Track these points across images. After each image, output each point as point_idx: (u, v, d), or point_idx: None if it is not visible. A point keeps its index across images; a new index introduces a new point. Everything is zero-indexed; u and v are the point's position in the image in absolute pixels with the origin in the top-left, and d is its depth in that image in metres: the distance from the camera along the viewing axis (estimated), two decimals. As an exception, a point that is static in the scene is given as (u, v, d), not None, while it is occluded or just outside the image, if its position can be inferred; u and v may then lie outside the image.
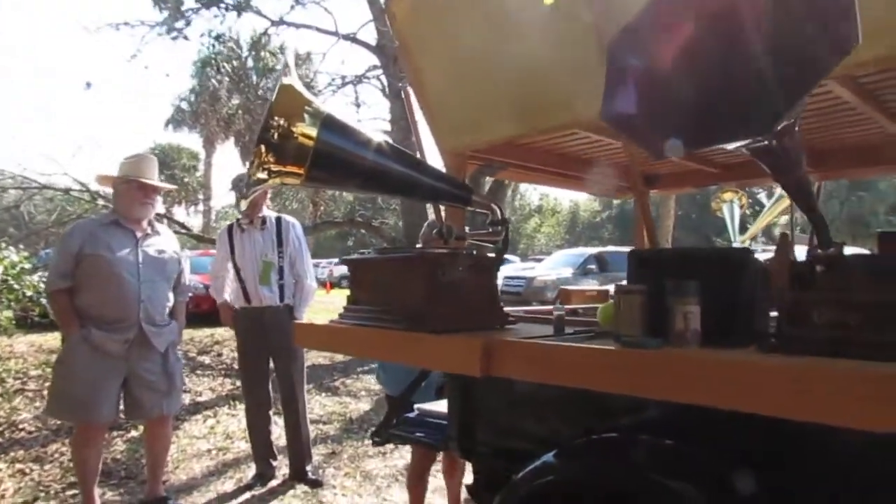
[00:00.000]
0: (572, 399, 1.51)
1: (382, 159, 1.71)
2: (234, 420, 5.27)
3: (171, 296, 3.30)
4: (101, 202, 8.04)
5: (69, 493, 3.50)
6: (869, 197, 26.05)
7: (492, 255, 1.69)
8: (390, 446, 4.59)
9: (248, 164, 1.60)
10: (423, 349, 1.36)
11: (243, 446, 4.58)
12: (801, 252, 2.08)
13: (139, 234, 3.19)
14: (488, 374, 1.21)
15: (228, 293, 3.82)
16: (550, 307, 2.36)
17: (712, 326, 1.21)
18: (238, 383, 6.67)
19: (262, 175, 1.53)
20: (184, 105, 26.23)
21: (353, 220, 9.67)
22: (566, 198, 44.52)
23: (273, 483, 3.73)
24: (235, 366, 7.59)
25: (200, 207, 28.39)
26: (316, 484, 3.68)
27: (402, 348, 1.42)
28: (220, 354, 8.09)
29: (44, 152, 19.81)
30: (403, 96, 2.40)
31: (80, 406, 3.01)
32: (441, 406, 2.34)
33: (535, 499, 1.45)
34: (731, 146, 1.02)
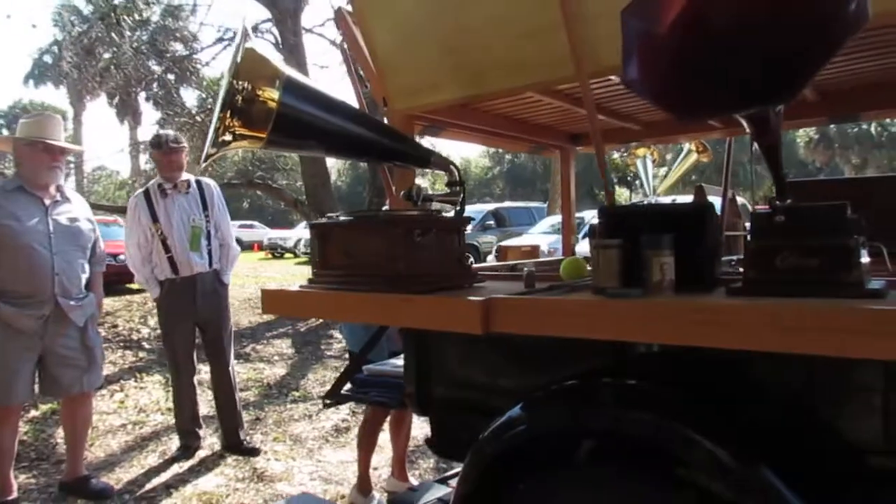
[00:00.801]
0: (532, 351, 1.60)
1: (344, 121, 1.69)
2: (143, 393, 5.04)
3: (86, 266, 3.08)
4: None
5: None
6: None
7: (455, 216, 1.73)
8: (314, 409, 4.60)
9: (213, 125, 1.52)
10: (419, 310, 1.38)
11: (159, 419, 4.42)
12: (715, 201, 2.29)
13: (48, 202, 2.93)
14: (489, 332, 1.26)
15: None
16: (500, 264, 2.45)
17: (681, 275, 1.33)
18: (141, 355, 6.38)
19: (226, 138, 1.47)
20: (47, 58, 23.73)
21: (252, 182, 9.26)
22: (458, 154, 44.92)
23: (201, 454, 3.62)
24: (133, 337, 7.23)
25: (72, 169, 26.09)
26: (253, 452, 3.63)
27: (393, 310, 1.43)
28: (115, 325, 7.62)
29: None
30: (343, 56, 2.34)
31: None
32: (390, 366, 2.39)
33: (506, 453, 1.52)
34: (742, 112, 1.10)
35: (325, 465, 3.51)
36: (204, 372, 3.99)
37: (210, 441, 3.80)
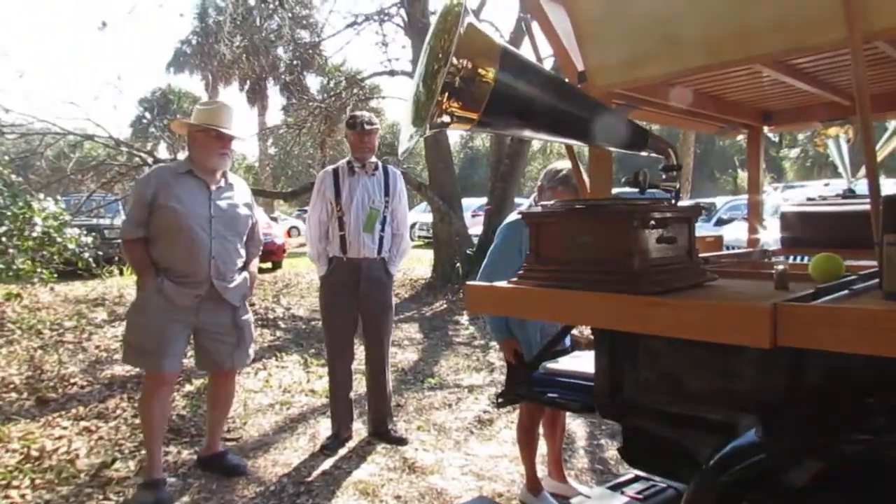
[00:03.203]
0: (764, 362, 1.38)
1: (557, 99, 1.53)
2: (285, 373, 5.20)
3: (242, 251, 3.14)
4: (123, 148, 7.77)
5: (143, 452, 3.41)
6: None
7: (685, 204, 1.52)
8: (453, 397, 4.54)
9: (417, 106, 1.41)
10: (680, 315, 1.20)
11: (304, 400, 4.52)
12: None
13: (213, 187, 3.01)
14: (777, 345, 1.06)
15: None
16: (727, 257, 2.22)
17: None
18: (278, 335, 6.63)
19: (444, 119, 1.34)
20: (186, 48, 25.42)
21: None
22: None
23: (351, 444, 3.64)
24: (270, 316, 7.53)
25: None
26: (402, 441, 3.59)
27: (636, 315, 1.26)
28: (252, 304, 8.00)
29: (63, 97, 19.23)
30: (525, 29, 2.18)
31: (148, 355, 2.92)
32: (569, 365, 2.23)
33: (750, 479, 1.33)
34: None
35: (475, 460, 3.42)
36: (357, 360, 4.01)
37: (356, 427, 3.81)
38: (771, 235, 2.76)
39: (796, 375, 1.31)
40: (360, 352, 3.82)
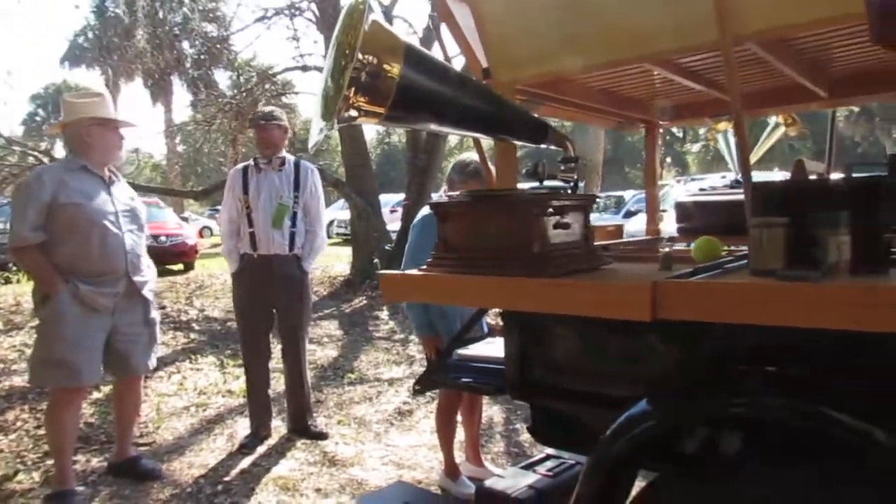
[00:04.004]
0: (662, 337, 1.50)
1: (461, 93, 1.60)
2: (200, 375, 5.06)
3: (145, 243, 3.08)
4: (16, 147, 7.27)
5: (49, 462, 3.25)
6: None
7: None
8: (373, 391, 4.57)
9: (324, 101, 1.44)
10: (572, 294, 1.29)
11: (221, 401, 4.42)
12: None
13: (108, 181, 2.92)
14: (657, 318, 1.17)
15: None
16: (626, 244, 2.35)
17: (855, 255, 1.22)
18: (192, 337, 6.42)
19: (352, 113, 1.38)
20: (82, 41, 23.89)
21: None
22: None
23: (270, 441, 3.60)
24: (182, 318, 7.28)
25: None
26: (322, 436, 3.59)
27: (537, 295, 1.34)
28: (163, 307, 7.69)
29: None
30: (433, 27, 2.24)
31: (68, 368, 2.76)
32: (482, 350, 2.32)
33: (639, 449, 1.41)
34: None
35: (395, 450, 3.47)
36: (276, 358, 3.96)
37: (275, 424, 3.78)
38: (670, 225, 2.95)
39: (679, 348, 1.44)
40: (278, 350, 3.79)
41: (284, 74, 11.65)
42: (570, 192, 1.70)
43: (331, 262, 10.88)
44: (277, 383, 3.96)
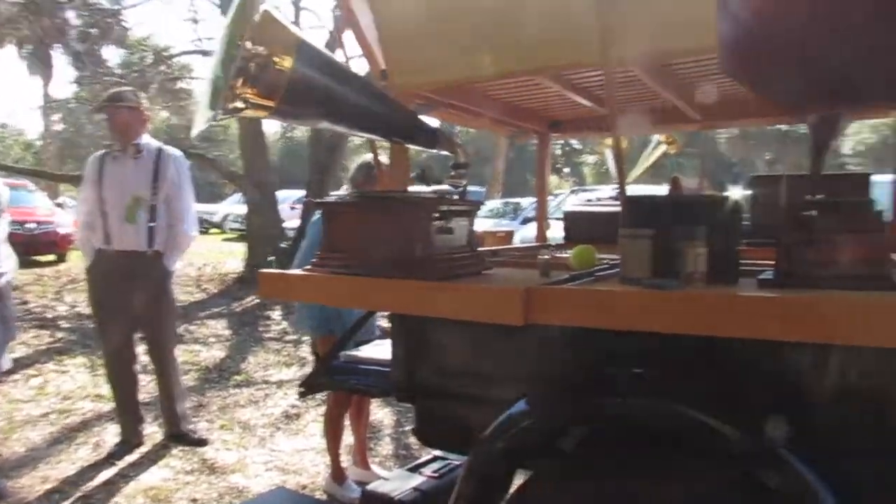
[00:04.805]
0: (541, 340, 1.56)
1: (355, 93, 1.58)
2: (66, 378, 4.69)
3: (2, 230, 2.82)
4: None
5: None
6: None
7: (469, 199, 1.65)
8: (260, 394, 4.43)
9: (211, 89, 1.38)
10: (450, 298, 1.30)
11: (88, 406, 4.11)
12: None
13: None
14: (529, 322, 1.20)
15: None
16: (513, 250, 2.40)
17: (710, 266, 1.32)
18: (59, 336, 5.95)
19: (238, 105, 1.33)
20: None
21: (185, 151, 8.77)
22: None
23: (143, 449, 3.38)
24: (48, 315, 6.73)
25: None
26: (200, 442, 3.40)
27: (418, 298, 1.34)
28: (25, 302, 7.08)
29: None
30: (335, 25, 2.20)
31: None
32: (370, 352, 2.30)
33: (517, 449, 1.46)
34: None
35: (280, 455, 3.37)
36: (144, 357, 3.74)
37: (150, 431, 3.56)
38: (559, 232, 3.07)
39: (555, 351, 1.50)
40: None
41: (182, 58, 11.09)
42: (457, 197, 1.73)
43: (223, 259, 10.45)
44: (154, 386, 3.74)
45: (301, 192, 12.72)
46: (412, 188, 1.88)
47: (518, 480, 1.55)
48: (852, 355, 1.19)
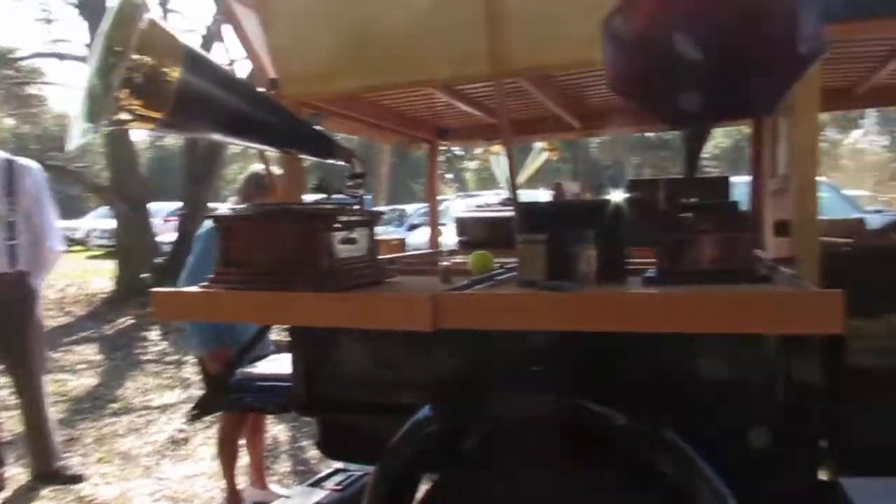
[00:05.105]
0: (440, 346, 1.60)
1: (247, 104, 1.54)
2: None
3: None
4: None
5: None
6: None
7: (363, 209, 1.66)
8: (141, 421, 4.16)
9: (89, 99, 1.30)
10: (359, 308, 1.30)
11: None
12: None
13: None
14: (438, 328, 1.23)
15: None
16: (409, 258, 2.41)
17: (601, 267, 1.42)
18: None
19: (123, 117, 1.26)
20: None
21: (43, 164, 8.02)
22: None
23: (5, 493, 3.05)
24: None
25: None
26: (75, 479, 3.11)
27: (326, 310, 1.33)
28: None
29: None
30: (218, 31, 2.12)
31: None
32: (266, 368, 2.25)
33: (423, 454, 1.49)
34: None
35: (168, 483, 3.17)
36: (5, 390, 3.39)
37: (14, 472, 3.22)
38: (450, 238, 3.13)
39: (458, 355, 1.54)
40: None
41: (33, 60, 10.15)
42: (356, 206, 1.73)
43: (89, 278, 9.65)
44: (14, 422, 3.40)
45: (175, 205, 12.05)
46: (309, 198, 1.85)
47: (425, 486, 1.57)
48: (727, 343, 1.33)
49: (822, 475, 1.46)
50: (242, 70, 2.04)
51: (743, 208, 1.41)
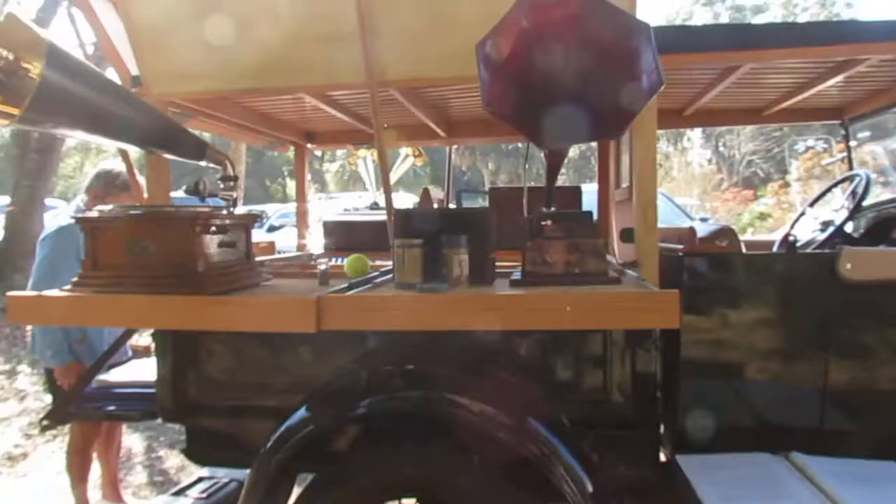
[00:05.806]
0: (307, 349, 1.64)
1: (114, 102, 1.50)
2: None
3: None
4: None
5: None
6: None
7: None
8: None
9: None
10: (240, 311, 1.31)
11: None
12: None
13: None
14: (322, 329, 1.28)
15: None
16: (280, 260, 2.38)
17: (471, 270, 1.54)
18: None
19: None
20: None
21: None
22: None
23: None
24: None
25: None
26: None
27: (204, 313, 1.32)
28: None
29: None
30: (71, 23, 1.99)
31: None
32: (127, 375, 2.16)
33: (300, 454, 1.51)
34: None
35: (7, 502, 2.91)
36: None
37: None
38: (317, 240, 3.14)
39: (332, 355, 1.60)
40: None
41: None
42: (230, 210, 1.72)
43: None
44: None
45: (4, 200, 10.78)
46: (178, 200, 1.82)
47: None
48: (579, 339, 1.50)
49: (661, 455, 1.69)
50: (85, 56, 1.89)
51: (594, 217, 1.59)
